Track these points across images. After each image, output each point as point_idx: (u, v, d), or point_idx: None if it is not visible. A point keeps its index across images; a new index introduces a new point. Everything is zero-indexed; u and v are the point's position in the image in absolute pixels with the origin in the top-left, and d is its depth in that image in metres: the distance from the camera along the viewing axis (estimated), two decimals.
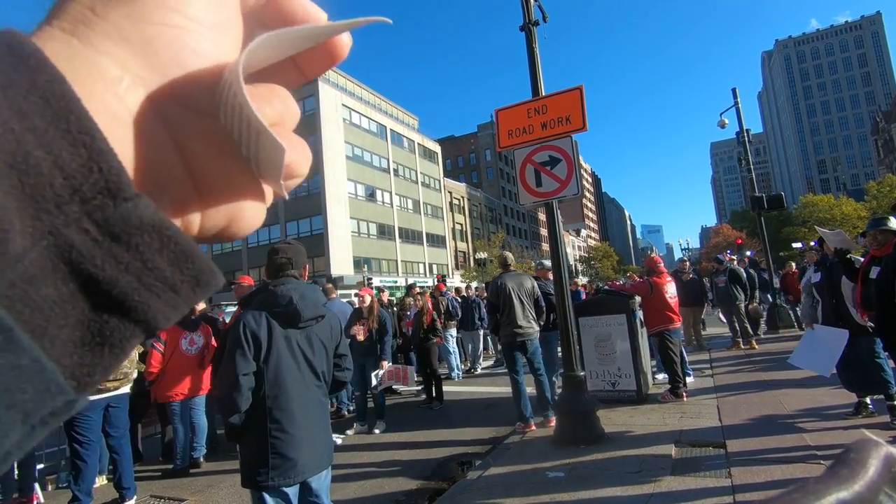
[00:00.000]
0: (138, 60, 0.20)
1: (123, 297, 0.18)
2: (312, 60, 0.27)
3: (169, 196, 0.21)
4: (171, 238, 0.19)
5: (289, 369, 2.36)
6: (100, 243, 0.17)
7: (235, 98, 0.21)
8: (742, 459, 3.87)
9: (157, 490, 4.72)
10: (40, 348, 0.16)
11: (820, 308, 4.82)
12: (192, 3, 0.22)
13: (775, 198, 12.88)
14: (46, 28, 0.19)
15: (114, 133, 0.18)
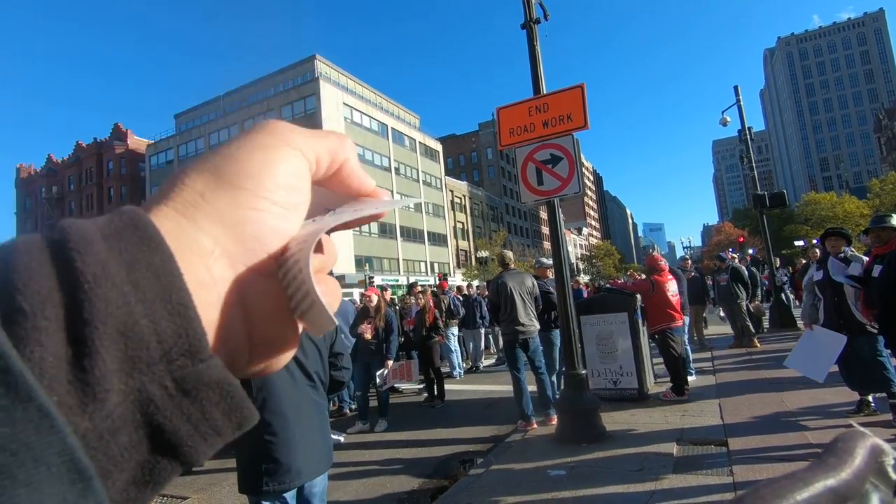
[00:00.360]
0: (228, 237, 0.24)
1: (179, 443, 0.20)
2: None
3: (227, 348, 0.24)
4: (229, 392, 0.22)
5: (282, 373, 2.26)
6: (173, 398, 0.20)
7: (300, 272, 0.25)
8: (744, 457, 3.87)
9: None
10: (104, 490, 0.17)
11: (821, 306, 4.81)
12: (278, 191, 0.26)
13: (777, 196, 12.85)
14: (163, 208, 0.23)
15: (199, 298, 0.22)
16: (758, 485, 0.28)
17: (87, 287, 0.18)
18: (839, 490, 0.28)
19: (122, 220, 0.21)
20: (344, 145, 0.30)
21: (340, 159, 0.30)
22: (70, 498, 0.16)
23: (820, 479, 0.28)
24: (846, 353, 4.35)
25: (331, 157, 0.29)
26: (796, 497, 0.27)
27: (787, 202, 13.19)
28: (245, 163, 0.25)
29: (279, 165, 0.26)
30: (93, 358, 0.18)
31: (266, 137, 0.27)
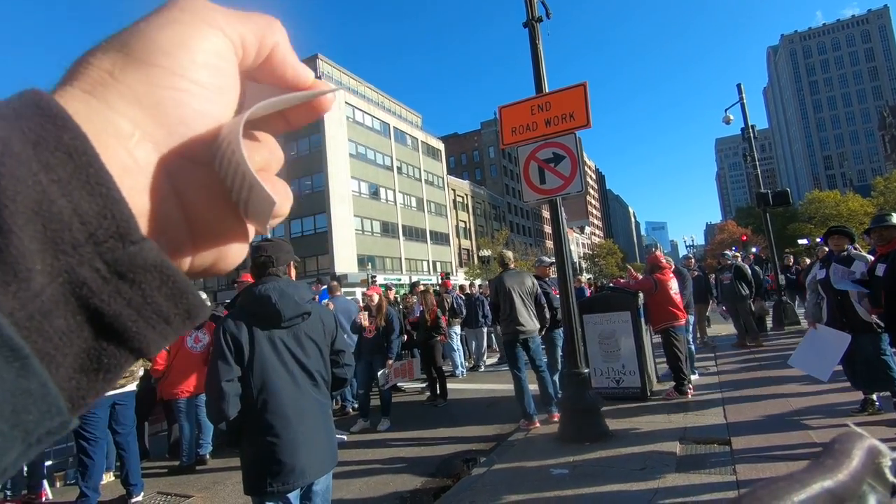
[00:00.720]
0: (148, 119, 0.23)
1: (123, 329, 0.20)
2: (299, 113, 0.31)
3: (167, 238, 0.23)
4: (169, 277, 0.21)
5: (276, 372, 2.27)
6: (108, 280, 0.19)
7: (233, 154, 0.24)
8: (747, 456, 3.86)
9: (163, 487, 4.75)
10: (48, 374, 0.18)
11: (825, 305, 4.79)
12: (198, 70, 0.24)
13: (781, 194, 12.79)
14: (68, 88, 0.22)
15: (124, 183, 0.21)
16: (755, 486, 0.28)
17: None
18: (836, 491, 0.28)
19: (20, 101, 0.19)
20: (273, 28, 0.28)
21: (270, 43, 0.28)
22: (7, 377, 0.16)
23: (817, 481, 0.28)
24: (850, 351, 4.34)
25: (258, 40, 0.27)
26: (793, 498, 0.27)
27: (790, 200, 13.13)
28: (156, 39, 0.24)
29: (197, 42, 0.25)
30: (5, 236, 0.17)
31: (179, 13, 0.25)
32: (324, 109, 0.31)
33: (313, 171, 37.83)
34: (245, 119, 0.25)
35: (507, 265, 5.88)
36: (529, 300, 5.59)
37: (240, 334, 2.25)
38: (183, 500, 4.41)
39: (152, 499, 4.50)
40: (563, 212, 5.20)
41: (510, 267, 5.87)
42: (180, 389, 5.03)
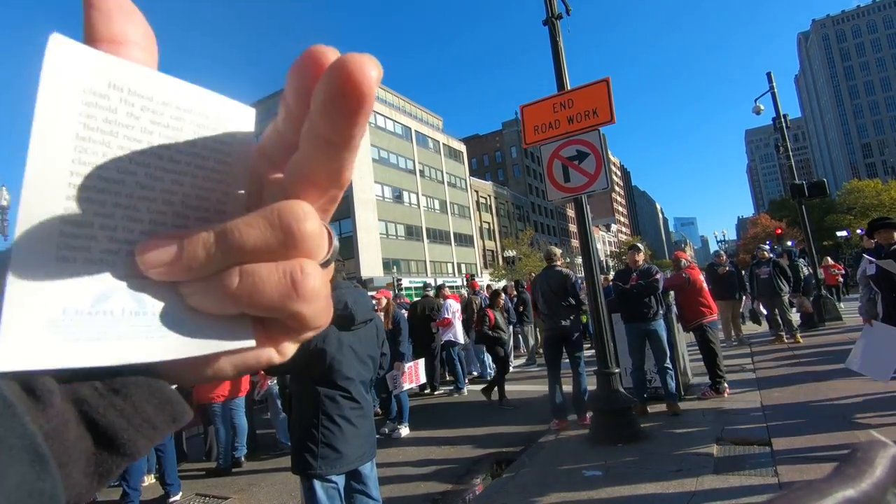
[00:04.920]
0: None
1: (115, 436, 0.22)
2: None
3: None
4: (157, 389, 0.23)
5: (340, 368, 2.52)
6: (104, 396, 0.22)
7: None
8: (789, 457, 3.72)
9: (201, 489, 4.89)
10: (61, 478, 0.20)
11: (879, 300, 4.54)
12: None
13: (817, 184, 12.32)
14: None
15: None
16: (773, 497, 0.27)
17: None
18: (859, 501, 0.27)
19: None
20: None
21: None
22: (28, 477, 0.18)
23: (838, 490, 0.27)
24: None
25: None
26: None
27: (827, 191, 12.64)
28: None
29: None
30: (36, 375, 0.20)
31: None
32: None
33: None
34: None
35: (552, 261, 5.83)
36: (567, 297, 5.53)
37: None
38: (220, 502, 4.52)
39: (191, 500, 4.63)
40: (588, 210, 5.13)
41: (556, 263, 5.81)
42: (216, 394, 5.16)
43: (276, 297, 0.23)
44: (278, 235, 0.23)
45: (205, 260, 0.23)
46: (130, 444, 0.22)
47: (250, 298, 0.23)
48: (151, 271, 0.22)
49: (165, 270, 0.22)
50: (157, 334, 0.22)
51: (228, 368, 0.25)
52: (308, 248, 0.24)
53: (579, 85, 4.94)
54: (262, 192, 0.26)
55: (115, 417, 0.22)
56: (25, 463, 0.18)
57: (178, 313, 0.23)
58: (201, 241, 0.22)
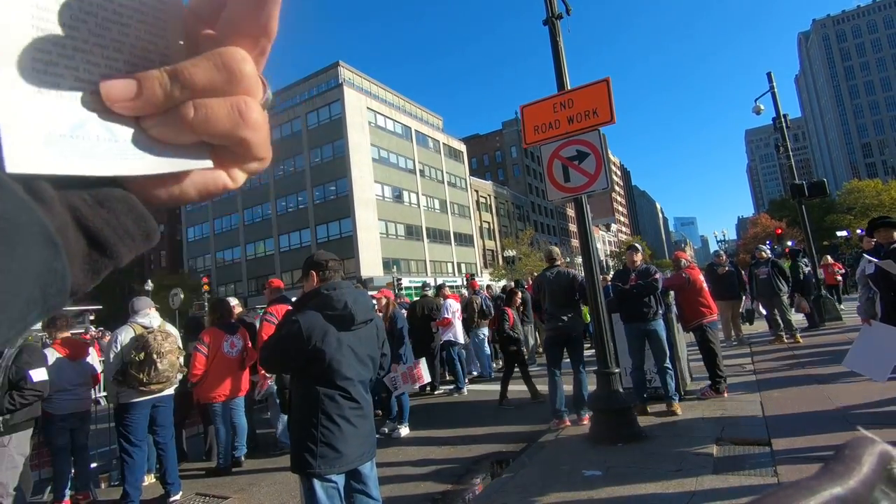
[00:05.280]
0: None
1: (104, 241, 0.27)
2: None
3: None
4: (134, 206, 0.28)
5: (339, 368, 2.51)
6: (91, 206, 0.26)
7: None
8: (789, 457, 3.72)
9: (201, 488, 4.89)
10: (68, 264, 0.24)
11: (878, 300, 4.54)
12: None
13: (817, 184, 12.32)
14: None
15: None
16: (761, 494, 0.27)
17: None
18: (847, 498, 0.27)
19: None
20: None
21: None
22: (48, 257, 0.23)
23: (826, 488, 0.27)
24: None
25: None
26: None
27: (827, 191, 12.64)
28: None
29: None
30: (34, 181, 0.24)
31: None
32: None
33: (337, 177, 38.35)
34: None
35: (553, 261, 5.83)
36: (568, 296, 5.54)
37: (314, 329, 2.47)
38: (220, 502, 4.52)
39: (191, 500, 4.63)
40: (588, 210, 5.13)
41: (557, 263, 5.81)
42: (216, 393, 5.16)
43: (228, 125, 0.28)
44: (222, 74, 0.27)
45: (162, 95, 0.27)
46: (115, 249, 0.27)
47: (206, 126, 0.28)
48: (116, 105, 0.26)
49: (129, 105, 0.26)
50: (131, 156, 0.26)
51: (192, 190, 0.30)
52: (248, 85, 0.28)
53: (579, 85, 4.94)
54: (196, 46, 0.29)
55: (102, 225, 0.26)
56: (44, 246, 0.23)
57: (145, 142, 0.27)
58: (156, 78, 0.27)
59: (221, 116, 0.28)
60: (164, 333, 4.50)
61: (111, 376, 4.38)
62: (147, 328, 4.51)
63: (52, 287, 0.24)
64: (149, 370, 4.28)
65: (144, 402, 4.46)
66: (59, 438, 4.51)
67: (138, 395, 4.41)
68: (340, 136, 38.25)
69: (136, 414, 4.42)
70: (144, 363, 4.28)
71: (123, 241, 0.27)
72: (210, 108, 0.27)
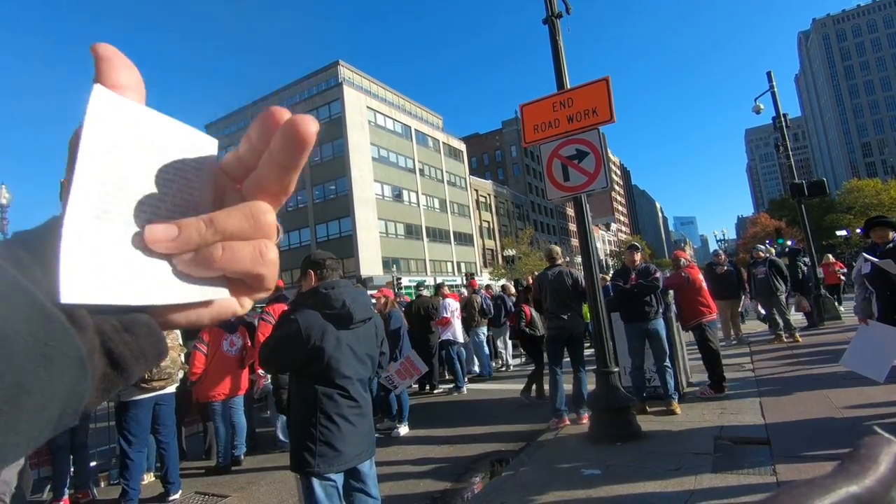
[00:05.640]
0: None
1: (123, 363, 0.29)
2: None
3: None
4: (154, 330, 0.31)
5: (338, 366, 2.52)
6: (119, 332, 0.29)
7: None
8: (788, 456, 3.73)
9: (200, 487, 4.89)
10: (90, 384, 0.27)
11: (875, 300, 4.54)
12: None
13: (817, 184, 12.32)
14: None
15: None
16: (777, 491, 0.27)
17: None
18: (863, 497, 0.27)
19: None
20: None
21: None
22: (75, 379, 0.26)
23: (842, 486, 0.27)
24: None
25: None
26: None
27: (827, 190, 12.64)
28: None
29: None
30: (72, 308, 0.27)
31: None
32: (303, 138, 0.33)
33: (337, 176, 38.32)
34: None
35: (554, 260, 5.83)
36: (571, 296, 5.54)
37: (312, 328, 2.48)
38: (220, 500, 4.52)
39: (191, 498, 4.63)
40: (588, 209, 5.13)
41: (557, 262, 5.81)
42: (216, 392, 5.16)
43: (249, 264, 0.33)
44: (250, 222, 0.33)
45: (197, 238, 0.31)
46: (130, 370, 0.30)
47: (230, 264, 0.32)
48: (156, 245, 0.30)
49: (167, 245, 0.31)
50: (162, 287, 0.31)
51: (206, 315, 0.34)
52: (269, 232, 0.34)
53: (579, 84, 4.93)
54: (223, 198, 0.35)
55: (124, 349, 0.29)
56: (75, 369, 0.26)
57: (176, 275, 0.32)
58: (194, 226, 0.31)
59: (245, 256, 0.33)
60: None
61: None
62: None
63: (70, 408, 0.26)
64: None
65: (146, 401, 4.46)
66: (58, 437, 4.51)
67: (139, 393, 4.41)
68: (340, 135, 38.22)
69: (137, 412, 4.43)
70: None
71: (138, 362, 0.30)
72: (236, 250, 0.32)
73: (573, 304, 5.53)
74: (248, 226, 0.33)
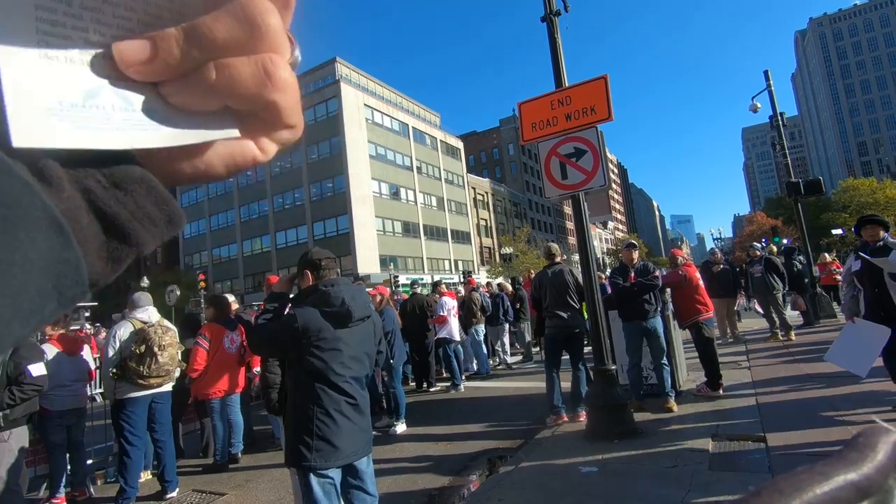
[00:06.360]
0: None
1: (122, 227, 0.24)
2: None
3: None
4: (153, 187, 0.25)
5: (336, 364, 2.52)
6: (107, 189, 0.24)
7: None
8: (784, 453, 3.75)
9: (198, 485, 4.89)
10: (82, 252, 0.22)
11: (862, 297, 4.59)
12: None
13: (813, 183, 12.37)
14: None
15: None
16: (776, 478, 0.28)
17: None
18: (861, 484, 0.27)
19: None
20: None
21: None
22: (56, 246, 0.21)
23: (840, 473, 0.28)
24: (890, 345, 4.16)
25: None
26: (816, 490, 0.27)
27: (823, 189, 12.68)
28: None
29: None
30: (41, 160, 0.22)
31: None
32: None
33: (334, 174, 38.26)
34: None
35: (553, 258, 5.84)
36: (572, 294, 5.55)
37: (310, 325, 2.49)
38: (217, 498, 4.52)
39: (188, 496, 4.63)
40: (585, 207, 5.14)
41: (556, 260, 5.81)
42: (215, 389, 5.15)
43: (253, 86, 0.25)
44: (245, 28, 0.25)
45: (179, 56, 0.24)
46: (136, 235, 0.25)
47: (230, 89, 0.25)
48: (130, 69, 0.24)
49: (144, 68, 0.24)
50: (149, 127, 0.24)
51: (218, 164, 0.27)
52: (273, 41, 0.25)
53: (577, 82, 4.94)
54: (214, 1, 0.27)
55: (119, 209, 0.24)
56: (51, 233, 0.20)
57: (164, 110, 0.25)
58: (173, 37, 0.24)
59: (246, 77, 0.25)
60: (164, 328, 4.50)
61: (109, 372, 4.37)
62: (146, 323, 4.50)
63: (67, 278, 0.21)
64: (149, 362, 4.28)
65: (143, 398, 4.45)
66: (55, 435, 4.50)
67: (137, 390, 4.40)
68: (337, 132, 38.13)
69: (134, 409, 4.41)
70: (145, 355, 4.29)
71: (144, 226, 0.25)
72: (233, 69, 0.25)
73: (573, 302, 5.54)
74: (243, 34, 0.25)
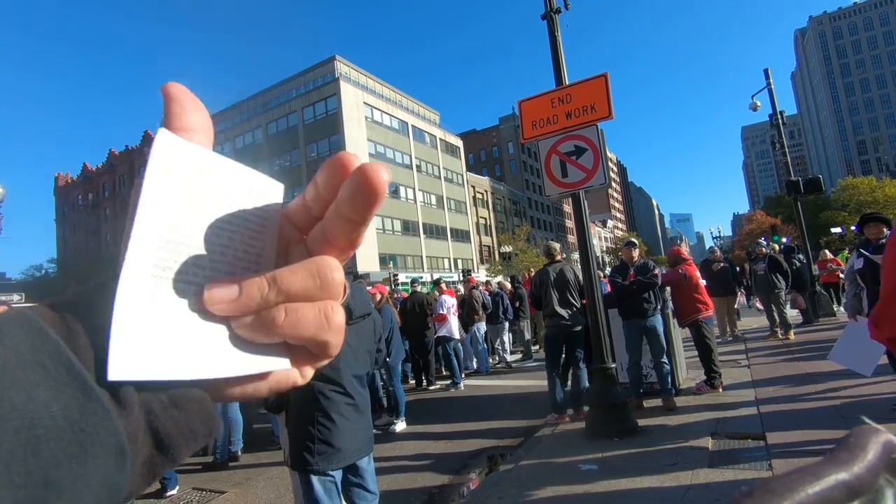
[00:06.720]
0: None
1: (170, 443, 0.26)
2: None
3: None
4: (205, 406, 0.28)
5: (336, 363, 2.51)
6: (166, 408, 0.26)
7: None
8: (784, 451, 3.75)
9: (198, 483, 4.89)
10: (129, 471, 0.24)
11: (865, 296, 4.59)
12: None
13: (813, 181, 12.38)
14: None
15: None
16: (768, 478, 0.28)
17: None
18: (851, 484, 0.28)
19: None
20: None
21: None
22: (112, 470, 0.23)
23: (831, 473, 0.28)
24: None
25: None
26: (807, 490, 0.27)
27: (822, 188, 12.69)
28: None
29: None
30: (118, 385, 0.24)
31: None
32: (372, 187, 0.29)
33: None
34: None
35: (552, 257, 5.83)
36: (573, 293, 5.55)
37: None
38: (217, 496, 4.53)
39: (188, 494, 4.63)
40: (585, 206, 5.13)
41: (556, 259, 5.81)
42: None
43: (314, 329, 0.29)
44: (316, 281, 0.29)
45: (259, 299, 0.28)
46: (177, 450, 0.27)
47: (294, 330, 0.29)
48: (215, 307, 0.27)
49: (227, 307, 0.28)
50: (219, 358, 0.27)
51: (264, 387, 0.30)
52: (335, 292, 0.30)
53: (578, 80, 4.93)
54: (287, 249, 0.32)
55: (172, 428, 0.26)
56: (112, 458, 0.22)
57: (234, 342, 0.28)
58: (256, 284, 0.28)
59: (310, 320, 0.29)
60: None
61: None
62: None
63: (107, 501, 0.23)
64: None
65: None
66: None
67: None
68: (337, 131, 38.10)
69: None
70: None
71: (187, 442, 0.27)
72: (300, 312, 0.29)
73: (574, 300, 5.54)
74: (313, 285, 0.29)
